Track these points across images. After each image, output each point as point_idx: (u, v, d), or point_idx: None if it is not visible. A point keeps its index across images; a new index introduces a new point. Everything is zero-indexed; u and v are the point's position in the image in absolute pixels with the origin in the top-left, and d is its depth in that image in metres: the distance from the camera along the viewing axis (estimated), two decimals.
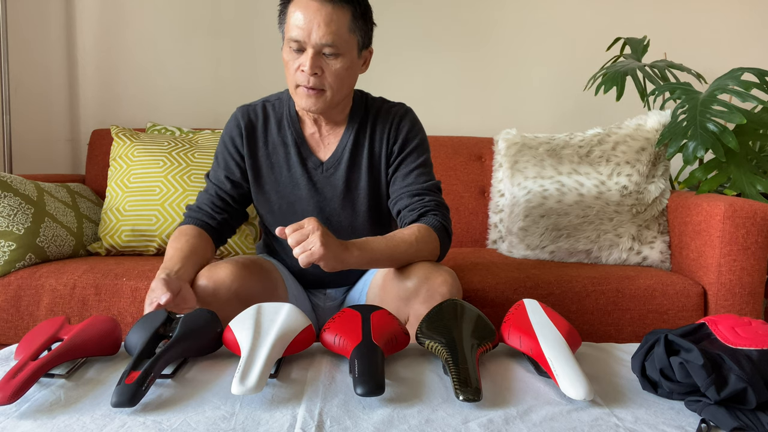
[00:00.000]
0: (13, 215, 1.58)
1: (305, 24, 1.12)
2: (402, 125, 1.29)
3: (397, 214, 1.26)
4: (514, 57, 2.43)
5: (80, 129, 2.40)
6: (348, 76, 1.19)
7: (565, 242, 1.73)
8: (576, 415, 0.71)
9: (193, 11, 2.37)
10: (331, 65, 1.15)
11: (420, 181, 1.26)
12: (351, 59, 1.18)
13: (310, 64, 1.13)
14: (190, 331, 0.84)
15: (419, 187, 1.25)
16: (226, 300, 1.09)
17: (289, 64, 1.17)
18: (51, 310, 1.48)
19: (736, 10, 2.41)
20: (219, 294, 1.10)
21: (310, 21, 1.11)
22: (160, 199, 1.79)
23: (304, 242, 1.00)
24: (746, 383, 0.67)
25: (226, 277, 1.10)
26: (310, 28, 1.11)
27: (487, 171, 2.10)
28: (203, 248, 1.20)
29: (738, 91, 1.68)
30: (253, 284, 1.14)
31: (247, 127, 1.28)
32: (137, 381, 0.70)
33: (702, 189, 1.74)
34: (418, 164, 1.27)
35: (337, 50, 1.14)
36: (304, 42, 1.13)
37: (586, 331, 1.49)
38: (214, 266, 1.14)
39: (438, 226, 1.19)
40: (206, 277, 1.11)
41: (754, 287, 1.50)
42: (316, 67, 1.14)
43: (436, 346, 0.83)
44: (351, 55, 1.18)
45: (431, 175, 1.29)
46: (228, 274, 1.11)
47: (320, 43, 1.12)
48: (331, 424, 0.67)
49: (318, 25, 1.11)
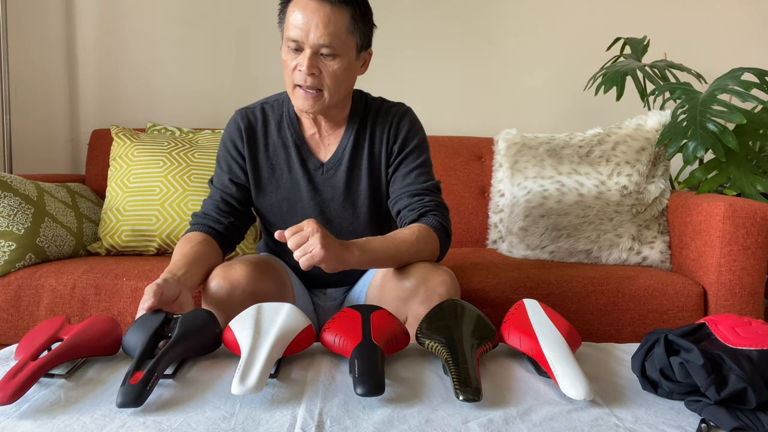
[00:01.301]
0: (13, 215, 1.58)
1: (303, 24, 1.12)
2: (402, 125, 1.28)
3: (397, 213, 1.26)
4: (514, 57, 2.43)
5: (80, 129, 2.40)
6: (345, 78, 1.19)
7: (565, 242, 1.73)
8: (576, 415, 0.71)
9: (193, 11, 2.37)
10: (328, 66, 1.15)
11: (420, 181, 1.26)
12: (349, 60, 1.17)
13: (307, 65, 1.13)
14: (190, 331, 0.84)
15: (419, 187, 1.25)
16: (241, 301, 1.09)
17: (287, 64, 1.17)
18: (51, 310, 1.48)
19: (736, 10, 2.41)
20: (234, 294, 1.10)
21: (309, 21, 1.11)
22: (160, 199, 1.79)
23: (305, 245, 1.00)
24: (746, 383, 0.67)
25: (241, 277, 1.10)
26: (308, 29, 1.11)
27: (487, 171, 2.10)
28: (209, 254, 1.19)
29: (738, 91, 1.68)
30: (266, 284, 1.14)
31: (247, 129, 1.28)
32: (142, 381, 0.70)
33: (702, 189, 1.74)
34: (417, 164, 1.27)
35: (334, 51, 1.14)
36: (302, 42, 1.13)
37: (586, 331, 1.49)
38: (228, 266, 1.13)
39: (438, 226, 1.19)
40: (221, 277, 1.11)
41: (754, 287, 1.50)
42: (313, 68, 1.14)
43: (436, 346, 0.83)
44: (349, 56, 1.17)
45: (431, 174, 1.29)
46: (243, 274, 1.11)
47: (318, 43, 1.12)
48: (331, 424, 0.67)
49: (316, 25, 1.11)
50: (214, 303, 1.10)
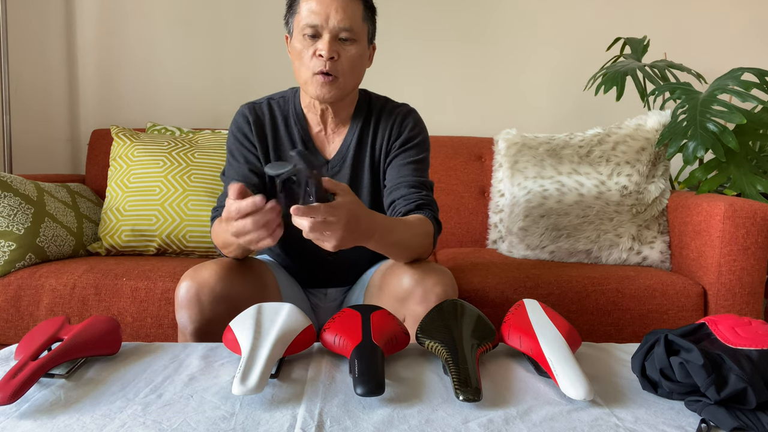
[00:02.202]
0: (13, 215, 1.58)
1: (322, 9, 1.14)
2: (405, 123, 1.29)
3: (391, 202, 1.24)
4: (515, 57, 2.43)
5: (80, 129, 2.40)
6: (360, 65, 1.21)
7: (565, 242, 1.73)
8: (576, 415, 0.71)
9: (193, 11, 2.37)
10: (347, 50, 1.17)
11: (416, 175, 1.25)
12: (363, 48, 1.20)
13: (327, 48, 1.14)
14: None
15: (417, 180, 1.24)
16: (209, 301, 1.07)
17: (303, 53, 1.17)
18: (51, 310, 1.48)
19: (736, 11, 2.41)
20: (202, 295, 1.07)
21: (327, 6, 1.14)
22: (160, 199, 1.79)
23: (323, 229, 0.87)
24: (746, 383, 0.67)
25: (210, 277, 1.08)
26: (328, 13, 1.14)
27: (487, 171, 2.10)
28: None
29: (738, 91, 1.68)
30: (239, 285, 1.11)
31: (256, 122, 1.27)
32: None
33: (702, 189, 1.74)
34: (417, 160, 1.26)
35: (353, 35, 1.16)
36: (321, 26, 1.14)
37: (586, 331, 1.49)
38: (199, 267, 1.11)
39: (433, 221, 1.19)
40: (190, 278, 1.09)
41: (754, 287, 1.50)
42: (333, 51, 1.14)
43: (436, 346, 0.83)
44: (363, 43, 1.20)
45: (426, 174, 1.29)
46: (212, 274, 1.08)
47: (338, 26, 1.14)
48: (331, 424, 0.67)
49: (336, 9, 1.14)
50: (184, 305, 1.08)
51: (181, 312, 1.08)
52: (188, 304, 1.08)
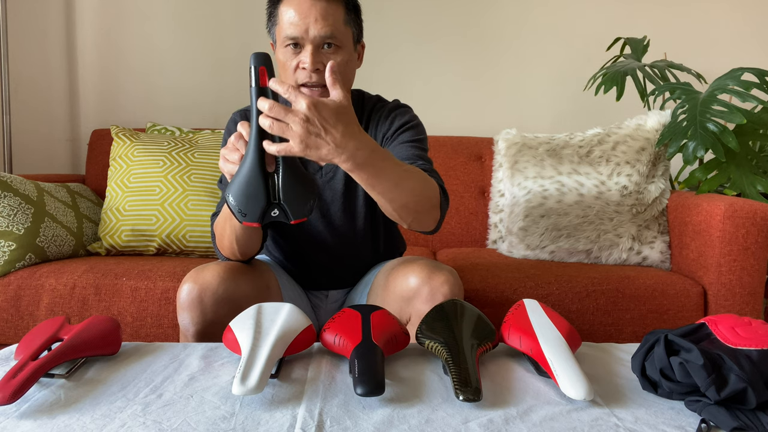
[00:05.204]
0: (13, 215, 1.58)
1: (301, 20, 1.10)
2: (395, 114, 1.25)
3: None
4: (515, 57, 2.43)
5: (80, 129, 2.40)
6: (348, 71, 1.18)
7: (565, 242, 1.73)
8: (576, 415, 0.71)
9: (193, 11, 2.37)
10: (332, 59, 1.12)
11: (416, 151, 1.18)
12: (349, 52, 1.17)
13: (311, 60, 1.10)
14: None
15: (416, 154, 1.17)
16: (212, 304, 1.07)
17: (287, 65, 1.14)
18: (51, 310, 1.48)
19: (736, 10, 2.41)
20: (204, 297, 1.07)
21: (306, 16, 1.10)
22: (160, 199, 1.79)
23: (312, 131, 0.84)
24: (746, 383, 0.67)
25: (212, 279, 1.08)
26: (307, 24, 1.10)
27: (487, 171, 2.10)
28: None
29: (738, 91, 1.68)
30: (242, 287, 1.10)
31: None
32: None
33: (702, 189, 1.74)
34: (414, 140, 1.21)
35: (337, 42, 1.12)
36: (302, 38, 1.11)
37: (586, 331, 1.49)
38: (201, 269, 1.11)
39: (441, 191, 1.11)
40: (192, 280, 1.09)
41: (754, 287, 1.50)
42: (317, 63, 1.11)
43: (436, 346, 0.83)
44: (349, 47, 1.16)
45: (426, 153, 1.21)
46: (214, 276, 1.08)
47: (319, 36, 1.10)
48: (331, 424, 0.67)
49: (315, 19, 1.10)
50: (186, 307, 1.07)
51: (183, 314, 1.08)
52: (190, 307, 1.08)
